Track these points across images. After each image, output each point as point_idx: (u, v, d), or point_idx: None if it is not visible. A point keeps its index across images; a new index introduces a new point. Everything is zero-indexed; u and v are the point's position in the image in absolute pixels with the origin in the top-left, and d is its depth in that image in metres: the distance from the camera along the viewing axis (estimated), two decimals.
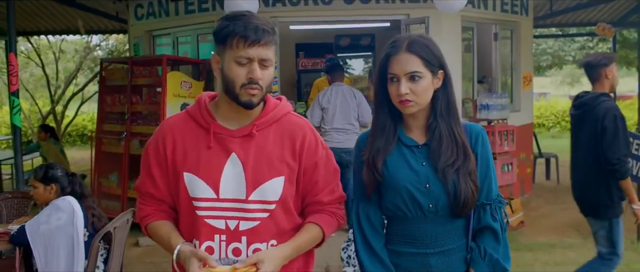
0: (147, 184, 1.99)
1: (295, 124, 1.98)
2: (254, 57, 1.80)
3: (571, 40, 17.76)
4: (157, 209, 2.00)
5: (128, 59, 7.36)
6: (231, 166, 1.88)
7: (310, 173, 1.97)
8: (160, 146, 1.95)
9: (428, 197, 1.94)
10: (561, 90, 32.58)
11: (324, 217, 1.99)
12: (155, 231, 1.98)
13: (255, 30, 1.79)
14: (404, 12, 7.02)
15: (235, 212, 1.88)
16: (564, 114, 17.51)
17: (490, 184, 2.01)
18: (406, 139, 2.01)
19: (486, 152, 2.02)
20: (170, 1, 7.50)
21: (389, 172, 1.97)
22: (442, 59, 1.96)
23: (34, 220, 3.53)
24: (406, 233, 2.01)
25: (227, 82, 1.84)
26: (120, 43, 14.15)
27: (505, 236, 2.01)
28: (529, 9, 8.43)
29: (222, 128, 1.91)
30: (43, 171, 3.63)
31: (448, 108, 1.98)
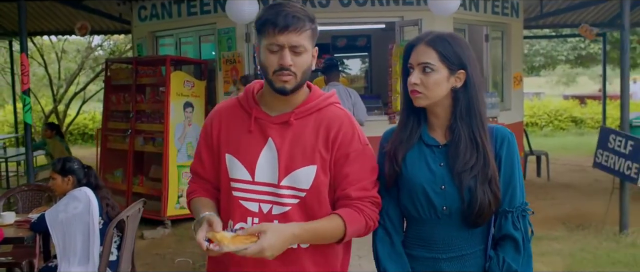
0: (196, 164, 2.07)
1: (334, 115, 1.97)
2: (284, 43, 1.82)
3: (564, 41, 18.06)
4: (201, 187, 2.06)
5: (132, 59, 7.63)
6: (268, 151, 1.92)
7: (341, 165, 1.93)
8: (208, 127, 2.03)
9: (443, 199, 1.90)
10: (556, 90, 32.79)
11: (349, 211, 1.91)
12: (194, 205, 2.02)
13: (285, 17, 1.80)
14: (398, 15, 7.30)
15: (268, 196, 1.91)
16: (556, 113, 17.81)
17: (514, 190, 1.92)
18: (428, 138, 1.98)
19: (511, 157, 1.93)
20: (173, 3, 7.76)
21: (407, 169, 1.94)
22: (464, 59, 1.92)
23: (53, 209, 3.80)
24: (421, 236, 1.98)
25: (262, 69, 1.90)
26: (121, 43, 14.39)
27: (528, 246, 1.92)
28: (519, 11, 8.72)
29: (263, 114, 1.95)
30: (61, 163, 3.91)
31: (469, 110, 1.92)
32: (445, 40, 1.91)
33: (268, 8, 1.85)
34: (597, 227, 6.48)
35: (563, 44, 18.88)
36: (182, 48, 8.19)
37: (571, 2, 9.54)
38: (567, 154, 12.63)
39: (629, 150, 5.91)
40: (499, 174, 1.90)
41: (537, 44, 19.18)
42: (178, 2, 7.70)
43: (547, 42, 18.78)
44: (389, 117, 7.30)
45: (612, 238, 6.09)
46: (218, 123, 2.01)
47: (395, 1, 7.25)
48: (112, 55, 14.11)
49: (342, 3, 7.22)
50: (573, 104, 18.96)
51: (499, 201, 1.89)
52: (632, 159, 5.85)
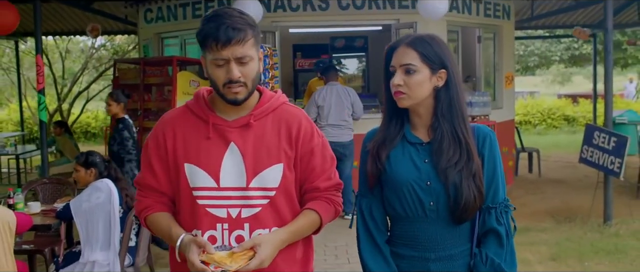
0: (148, 177, 2.01)
1: (290, 114, 2.02)
2: (229, 57, 1.82)
3: (557, 42, 18.42)
4: (157, 201, 2.01)
5: (140, 60, 7.96)
6: (230, 155, 1.92)
7: (307, 160, 1.99)
8: (161, 138, 1.98)
9: (429, 195, 1.92)
10: (552, 89, 33.13)
11: (321, 203, 2.00)
12: (155, 222, 2.00)
13: (226, 31, 1.80)
14: (394, 17, 7.64)
15: (236, 201, 1.91)
16: (549, 111, 18.17)
17: (497, 187, 1.96)
18: (411, 136, 2.00)
19: (493, 155, 1.97)
20: (178, 6, 8.09)
21: (391, 167, 1.97)
22: (445, 59, 1.95)
23: (77, 199, 4.13)
24: (407, 234, 1.99)
25: (211, 82, 1.90)
26: (123, 43, 14.71)
27: (511, 241, 1.95)
28: (511, 14, 9.06)
29: (221, 119, 1.95)
30: (84, 157, 4.24)
31: (450, 108, 1.94)
32: (424, 41, 1.94)
33: (207, 21, 1.85)
34: (583, 219, 6.83)
35: (557, 45, 19.27)
36: (187, 48, 8.50)
37: (562, 5, 9.89)
38: (559, 151, 12.98)
39: (612, 146, 6.26)
40: (482, 171, 1.93)
41: (532, 44, 19.54)
42: (183, 5, 8.02)
43: (542, 43, 19.14)
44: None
45: (596, 229, 6.45)
46: (172, 134, 1.97)
47: (392, 5, 7.58)
48: (115, 55, 14.43)
49: (340, 6, 7.56)
50: (566, 102, 19.32)
51: (483, 196, 1.92)
52: (615, 154, 6.21)
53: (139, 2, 8.42)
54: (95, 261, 4.02)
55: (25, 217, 3.98)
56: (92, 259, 4.03)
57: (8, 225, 3.71)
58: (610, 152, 6.27)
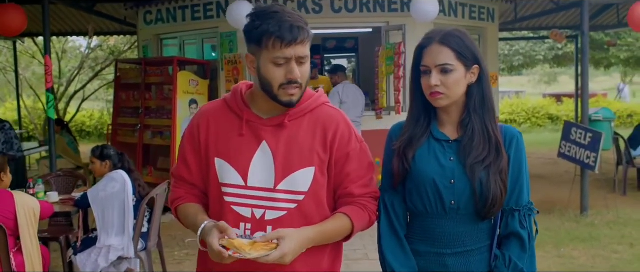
0: (181, 168, 1.99)
1: (329, 115, 1.94)
2: (292, 56, 1.77)
3: (542, 42, 18.90)
4: (189, 192, 1.99)
5: (142, 60, 8.30)
6: (261, 154, 1.87)
7: (342, 165, 1.91)
8: (195, 131, 1.95)
9: (451, 194, 1.90)
10: (538, 89, 33.71)
11: (354, 209, 1.92)
12: (184, 212, 1.97)
13: (291, 30, 1.75)
14: (384, 20, 8.03)
15: (262, 201, 1.86)
16: (534, 110, 18.68)
17: (521, 189, 1.94)
18: (438, 133, 1.97)
19: (520, 157, 1.94)
20: (177, 9, 8.43)
21: (416, 165, 1.93)
22: (477, 54, 1.92)
23: (94, 188, 4.48)
24: (426, 230, 1.97)
25: (264, 82, 1.82)
26: (119, 44, 15.02)
27: (532, 245, 1.95)
28: (495, 17, 9.49)
29: (255, 116, 1.90)
30: (100, 150, 4.59)
31: (483, 104, 1.92)
32: (457, 37, 1.90)
33: (263, 17, 1.78)
34: (561, 210, 7.26)
35: (541, 45, 19.74)
36: (186, 49, 8.84)
37: (544, 8, 10.33)
38: (542, 148, 13.44)
39: (588, 141, 6.69)
40: (508, 168, 1.91)
41: (517, 44, 20.01)
42: (183, 8, 8.36)
43: (526, 43, 19.62)
44: (376, 113, 8.04)
45: (573, 219, 6.88)
46: (206, 126, 1.94)
47: (382, 8, 7.97)
48: (111, 55, 14.73)
49: (333, 10, 7.94)
50: (550, 102, 19.86)
51: (507, 190, 1.90)
52: (591, 149, 6.63)
53: (139, 4, 8.74)
54: (111, 246, 4.37)
55: (48, 205, 4.33)
56: (108, 243, 4.37)
57: (33, 212, 4.07)
58: (586, 147, 6.69)
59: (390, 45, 7.76)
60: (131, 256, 4.42)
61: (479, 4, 8.97)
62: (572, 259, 5.44)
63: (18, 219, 3.96)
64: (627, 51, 18.96)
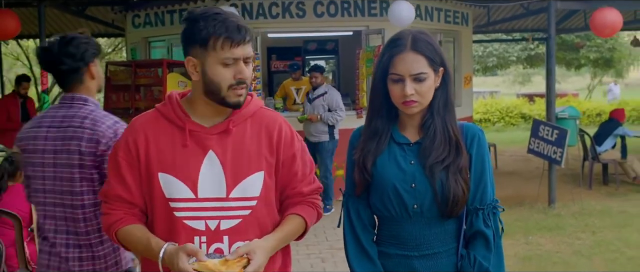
0: (117, 187, 1.87)
1: (270, 118, 1.94)
2: (240, 56, 1.76)
3: (514, 43, 19.56)
4: (128, 213, 1.88)
5: (131, 62, 8.61)
6: (209, 164, 1.82)
7: (289, 165, 1.93)
8: (132, 145, 1.86)
9: (413, 197, 1.89)
10: (512, 89, 34.39)
11: (305, 208, 1.95)
12: (128, 235, 1.85)
13: (239, 30, 1.75)
14: (364, 24, 8.46)
15: (215, 212, 1.82)
16: (508, 110, 19.31)
17: (485, 187, 1.91)
18: (399, 136, 1.96)
19: (482, 154, 1.93)
20: (165, 13, 8.76)
21: (377, 170, 1.93)
22: (443, 56, 1.91)
23: None
24: (393, 234, 1.97)
25: (211, 85, 1.79)
26: (105, 45, 15.24)
27: (499, 243, 1.93)
28: (469, 20, 9.98)
29: (198, 125, 1.85)
30: None
31: (446, 105, 1.92)
32: (426, 41, 1.88)
33: (206, 19, 1.75)
34: (531, 203, 7.74)
35: (514, 46, 20.39)
36: (174, 51, 9.15)
37: (514, 13, 10.87)
38: (514, 146, 13.97)
39: (555, 137, 7.18)
40: (469, 170, 1.90)
41: (491, 46, 20.63)
42: (170, 12, 8.69)
43: (499, 45, 20.26)
44: (356, 112, 8.45)
45: (542, 211, 7.37)
46: (144, 141, 1.85)
47: (362, 13, 8.40)
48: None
49: (316, 14, 8.34)
50: (523, 101, 20.51)
51: (469, 189, 1.89)
52: (557, 145, 7.12)
53: (127, 8, 9.05)
54: None
55: None
56: None
57: None
58: (553, 143, 7.18)
59: (370, 48, 8.19)
60: None
61: (453, 9, 9.45)
62: (539, 246, 5.91)
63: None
64: (596, 52, 19.70)
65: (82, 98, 2.47)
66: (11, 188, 4.34)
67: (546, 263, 5.27)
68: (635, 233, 6.23)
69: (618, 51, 20.01)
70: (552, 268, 5.22)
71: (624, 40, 19.98)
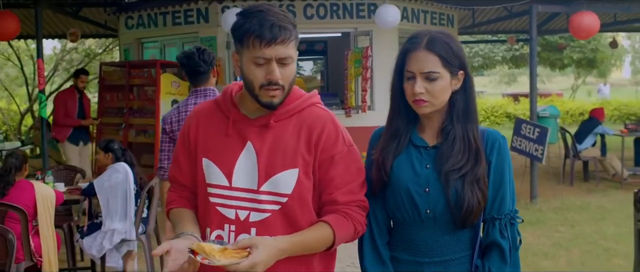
0: (173, 169, 2.00)
1: (316, 116, 1.87)
2: (272, 56, 1.71)
3: (500, 44, 19.91)
4: (180, 195, 1.98)
5: (125, 63, 8.80)
6: (246, 155, 1.83)
7: (326, 168, 1.84)
8: (186, 130, 1.95)
9: (426, 202, 1.84)
10: (499, 89, 34.83)
11: (337, 217, 1.82)
12: (173, 217, 1.97)
13: (271, 29, 1.69)
14: (352, 26, 8.70)
15: (246, 203, 1.82)
16: (493, 109, 19.66)
17: (503, 197, 1.85)
18: (417, 139, 1.92)
19: (502, 162, 1.86)
20: (158, 14, 8.95)
21: (393, 172, 1.89)
22: (463, 59, 1.85)
23: (100, 178, 5.02)
24: (405, 239, 1.93)
25: (246, 82, 1.80)
26: (94, 46, 15.39)
27: (515, 255, 1.87)
28: (454, 22, 10.26)
29: (242, 116, 1.87)
30: (105, 143, 5.13)
31: (466, 111, 1.85)
32: (443, 41, 1.83)
33: (248, 16, 1.74)
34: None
35: (499, 47, 20.75)
36: (166, 51, 9.34)
37: (498, 15, 11.17)
38: None
39: (536, 135, 7.47)
40: (488, 178, 1.84)
41: (476, 46, 20.96)
42: (163, 13, 8.88)
43: (485, 45, 20.61)
44: (345, 112, 8.70)
45: (524, 206, 7.65)
46: (196, 126, 1.93)
47: (350, 15, 8.65)
48: (86, 57, 15.10)
49: (305, 16, 8.58)
50: (508, 101, 20.87)
51: (487, 199, 1.83)
52: (538, 143, 7.41)
53: (121, 10, 9.23)
54: (115, 229, 4.91)
55: (60, 194, 4.85)
56: (112, 227, 4.91)
57: (50, 200, 4.60)
58: (535, 141, 7.47)
59: (358, 49, 8.44)
60: (133, 239, 4.97)
61: (439, 11, 9.72)
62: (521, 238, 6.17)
63: (37, 206, 4.48)
64: (579, 52, 20.09)
65: (210, 89, 3.62)
66: (17, 183, 4.54)
67: (527, 254, 5.53)
68: (612, 226, 6.53)
69: (601, 52, 20.40)
70: (533, 258, 5.48)
71: (606, 42, 20.39)
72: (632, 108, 20.34)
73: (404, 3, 8.82)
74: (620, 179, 9.10)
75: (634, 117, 17.52)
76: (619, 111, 20.42)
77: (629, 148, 10.05)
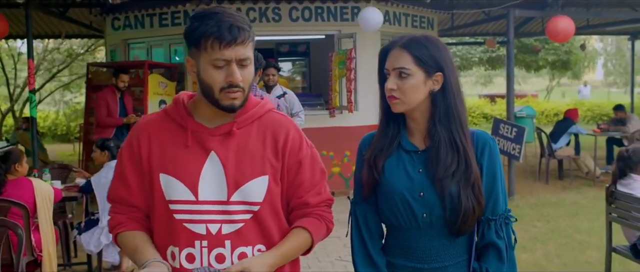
0: (120, 188, 1.85)
1: (277, 122, 1.86)
2: (232, 58, 1.67)
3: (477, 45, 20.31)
4: (129, 217, 1.85)
5: (113, 63, 8.92)
6: (210, 166, 1.76)
7: (295, 172, 1.83)
8: (135, 146, 1.82)
9: (422, 206, 1.84)
10: (475, 90, 35.27)
11: (312, 221, 1.84)
12: (125, 241, 1.83)
13: (230, 30, 1.65)
14: (336, 28, 8.94)
15: (216, 215, 1.75)
16: (470, 110, 20.04)
17: (496, 198, 1.85)
18: (407, 143, 1.91)
19: (493, 164, 1.87)
20: (145, 16, 9.09)
21: (385, 176, 1.88)
22: (441, 61, 1.84)
23: (97, 175, 5.18)
24: (401, 244, 1.91)
25: (204, 86, 1.73)
26: (76, 47, 15.41)
27: (511, 254, 1.88)
28: (434, 24, 10.55)
29: (201, 126, 1.79)
30: (101, 142, 5.29)
31: (447, 113, 1.84)
32: (419, 42, 1.84)
33: (203, 18, 1.69)
34: None
35: (476, 48, 21.15)
36: (153, 52, 9.46)
37: (476, 18, 11.50)
38: None
39: (514, 135, 7.75)
40: (481, 180, 1.84)
41: (454, 48, 21.34)
42: (150, 15, 9.02)
43: (463, 47, 21.01)
44: (329, 112, 8.92)
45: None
46: (147, 140, 1.81)
47: (335, 18, 8.88)
48: (69, 58, 15.12)
49: (291, 18, 8.78)
50: (485, 102, 21.29)
51: (482, 206, 1.83)
52: (516, 142, 7.70)
53: (107, 11, 9.34)
54: None
55: (58, 190, 5.00)
56: None
57: (49, 196, 4.75)
58: (512, 140, 7.76)
59: (342, 51, 8.67)
60: None
61: (419, 14, 10.00)
62: None
63: (36, 202, 4.63)
64: (554, 54, 20.56)
65: (254, 86, 3.94)
66: (15, 181, 4.67)
67: None
68: (585, 221, 6.85)
69: (574, 54, 20.92)
70: None
71: (580, 44, 20.90)
72: (605, 109, 20.89)
73: (386, 6, 9.07)
74: (593, 177, 9.47)
75: (607, 118, 18.05)
76: (592, 112, 20.98)
77: (601, 147, 10.44)
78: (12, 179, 4.66)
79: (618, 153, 4.43)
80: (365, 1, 8.65)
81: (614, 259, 4.46)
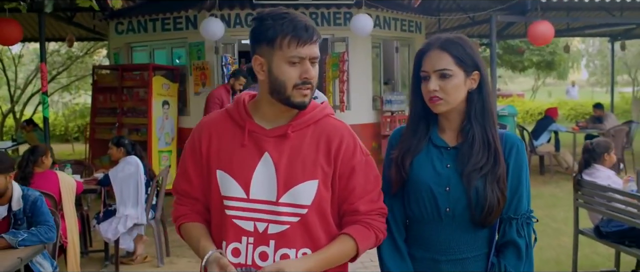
0: (182, 182, 1.95)
1: (333, 127, 1.88)
2: (307, 55, 1.75)
3: None
4: (191, 209, 1.94)
5: (118, 66, 9.40)
6: (263, 166, 1.81)
7: (346, 179, 1.85)
8: (197, 142, 1.91)
9: (446, 201, 1.88)
10: None
11: (359, 228, 1.85)
12: (188, 232, 1.92)
13: (306, 29, 1.74)
14: (330, 32, 9.43)
15: (264, 214, 1.80)
16: None
17: (520, 197, 1.90)
18: (437, 139, 1.94)
19: (520, 165, 1.91)
20: (148, 21, 9.55)
21: (413, 171, 1.91)
22: (477, 60, 1.89)
23: (114, 170, 5.66)
24: (422, 236, 1.95)
25: (277, 83, 1.78)
26: (77, 49, 15.81)
27: (530, 253, 1.92)
28: (422, 28, 11.09)
29: (258, 127, 1.85)
30: (116, 139, 5.77)
31: (483, 111, 1.88)
32: (456, 43, 1.88)
33: (276, 18, 1.76)
34: None
35: None
36: (155, 55, 9.92)
37: (461, 22, 12.07)
38: None
39: None
40: (506, 179, 1.87)
41: None
42: (153, 20, 9.49)
43: None
44: None
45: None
46: (207, 137, 1.89)
47: (328, 22, 9.38)
48: (69, 60, 15.53)
49: None
50: None
51: (506, 199, 1.87)
52: None
53: (111, 16, 9.80)
54: (128, 215, 5.56)
55: (80, 183, 5.49)
56: (126, 213, 5.56)
57: (72, 188, 5.23)
58: None
59: (336, 54, 9.19)
60: (144, 223, 5.63)
61: (408, 18, 10.54)
62: None
63: (62, 193, 5.11)
64: (538, 55, 21.18)
65: None
66: (42, 174, 5.15)
67: None
68: (562, 211, 7.40)
69: (558, 55, 21.54)
70: None
71: (564, 46, 21.53)
72: (588, 108, 21.53)
73: (376, 12, 9.60)
74: (571, 172, 9.99)
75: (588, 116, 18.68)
76: (575, 111, 21.62)
77: (580, 144, 10.83)
78: (39, 172, 5.13)
79: (583, 146, 4.97)
80: (357, 7, 9.14)
81: (582, 241, 4.99)
